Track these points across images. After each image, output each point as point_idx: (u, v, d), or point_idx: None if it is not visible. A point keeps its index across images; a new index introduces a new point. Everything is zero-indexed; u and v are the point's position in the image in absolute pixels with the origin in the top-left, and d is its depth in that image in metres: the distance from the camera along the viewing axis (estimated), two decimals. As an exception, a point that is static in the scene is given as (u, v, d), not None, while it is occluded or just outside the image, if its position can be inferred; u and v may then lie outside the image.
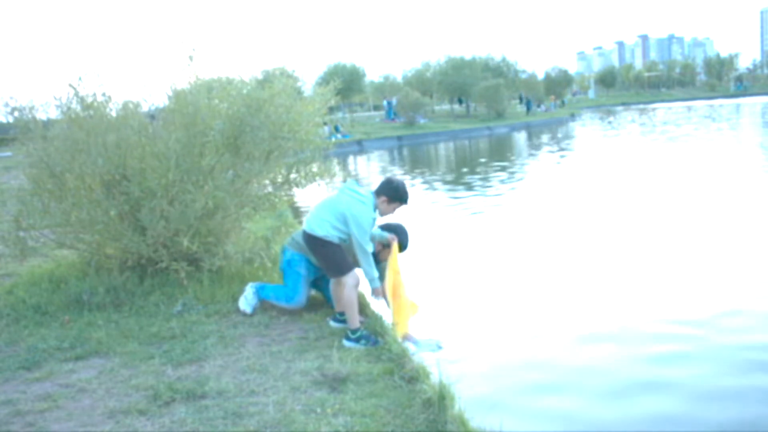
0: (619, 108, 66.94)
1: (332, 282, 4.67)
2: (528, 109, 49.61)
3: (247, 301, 4.99)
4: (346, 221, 4.27)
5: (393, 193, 4.41)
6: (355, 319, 4.35)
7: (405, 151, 28.87)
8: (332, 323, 4.70)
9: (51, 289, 5.39)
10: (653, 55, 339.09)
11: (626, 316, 5.46)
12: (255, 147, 5.58)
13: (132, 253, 5.47)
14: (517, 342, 4.95)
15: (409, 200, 4.52)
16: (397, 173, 18.85)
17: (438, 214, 11.09)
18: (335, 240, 4.35)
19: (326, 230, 4.33)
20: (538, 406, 4.00)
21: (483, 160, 21.87)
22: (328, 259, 4.44)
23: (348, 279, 4.36)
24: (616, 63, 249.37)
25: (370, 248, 4.37)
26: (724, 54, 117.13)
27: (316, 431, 3.09)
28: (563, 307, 5.73)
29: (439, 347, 4.57)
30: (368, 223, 4.34)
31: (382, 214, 4.47)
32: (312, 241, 4.42)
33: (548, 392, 4.17)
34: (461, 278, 6.86)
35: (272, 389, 3.61)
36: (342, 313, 4.57)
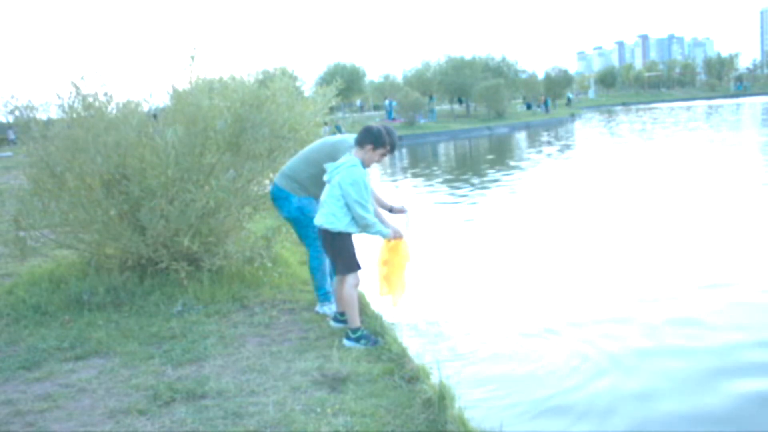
0: (619, 108, 66.93)
1: (336, 281, 4.65)
2: (546, 108, 51.10)
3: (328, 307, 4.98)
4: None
5: (377, 140, 4.29)
6: (355, 319, 4.34)
7: (405, 151, 28.84)
8: (333, 323, 4.70)
9: (51, 289, 5.38)
10: (653, 55, 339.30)
11: (627, 315, 5.46)
12: (256, 145, 5.58)
13: (132, 253, 5.47)
14: (518, 342, 4.94)
15: (395, 145, 4.43)
16: (398, 175, 18.86)
17: (440, 212, 11.09)
18: (351, 230, 4.30)
19: (340, 222, 4.23)
20: (539, 406, 4.00)
21: (483, 159, 21.88)
22: (341, 253, 4.35)
23: (350, 278, 4.34)
24: (616, 63, 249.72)
25: (371, 209, 4.26)
26: (724, 54, 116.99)
27: (316, 431, 3.09)
28: (566, 307, 5.72)
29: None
30: (366, 182, 4.23)
31: (368, 164, 4.34)
32: (326, 235, 4.35)
33: (549, 392, 4.17)
34: (461, 278, 6.86)
35: (272, 389, 3.61)
36: (342, 313, 4.56)
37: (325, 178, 4.38)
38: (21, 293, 5.36)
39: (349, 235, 4.33)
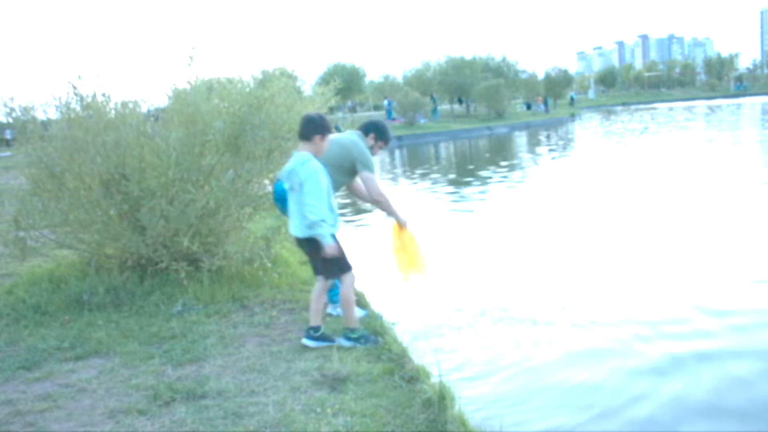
0: (619, 108, 66.96)
1: (318, 288, 4.35)
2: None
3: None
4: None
5: (320, 128, 4.16)
6: (353, 318, 4.33)
7: (405, 151, 28.86)
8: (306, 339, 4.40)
9: (51, 289, 5.39)
10: (653, 55, 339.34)
11: (627, 312, 5.46)
12: (256, 146, 5.58)
13: (132, 253, 5.47)
14: (518, 342, 4.95)
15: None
16: (397, 175, 18.85)
17: (438, 212, 11.11)
18: (332, 230, 4.16)
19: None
20: (539, 405, 4.00)
21: (483, 159, 21.90)
22: (330, 259, 4.18)
23: (346, 278, 4.28)
24: (616, 63, 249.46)
25: (322, 209, 4.07)
26: (724, 54, 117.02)
27: (316, 431, 3.09)
28: (565, 307, 5.72)
29: None
30: (321, 177, 4.09)
31: (320, 154, 4.22)
32: (308, 244, 4.21)
33: (548, 391, 4.17)
34: (462, 277, 6.85)
35: (272, 389, 3.61)
36: (315, 328, 4.31)
37: (286, 186, 4.24)
38: (21, 293, 5.36)
39: (332, 237, 4.16)
